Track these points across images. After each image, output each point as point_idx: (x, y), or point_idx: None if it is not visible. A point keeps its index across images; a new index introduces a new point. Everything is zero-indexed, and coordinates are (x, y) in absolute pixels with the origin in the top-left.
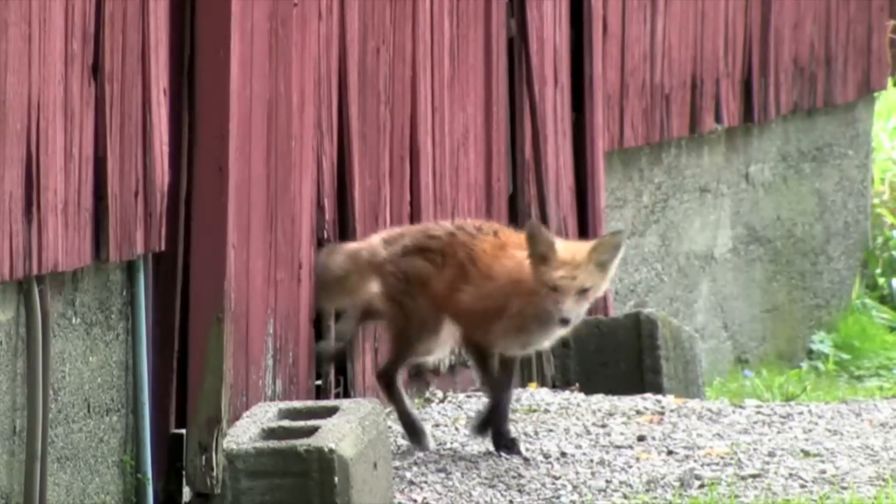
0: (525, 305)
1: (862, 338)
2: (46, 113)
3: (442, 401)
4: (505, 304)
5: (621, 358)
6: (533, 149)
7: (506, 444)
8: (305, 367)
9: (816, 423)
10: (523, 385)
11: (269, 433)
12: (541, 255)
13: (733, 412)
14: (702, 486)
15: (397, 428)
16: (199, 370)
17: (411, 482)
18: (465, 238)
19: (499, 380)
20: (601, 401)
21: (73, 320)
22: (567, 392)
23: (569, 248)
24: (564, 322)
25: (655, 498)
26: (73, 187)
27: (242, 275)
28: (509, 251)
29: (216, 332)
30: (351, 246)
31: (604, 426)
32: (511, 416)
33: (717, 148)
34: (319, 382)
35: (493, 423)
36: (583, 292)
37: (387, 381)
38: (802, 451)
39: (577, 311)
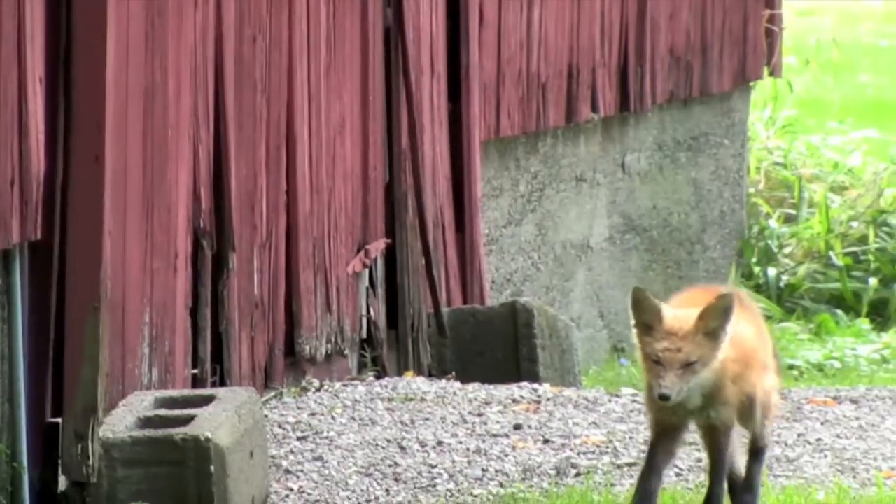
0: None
1: None
2: None
3: (318, 389)
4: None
5: (497, 347)
6: (409, 138)
7: None
8: (182, 356)
9: None
10: (399, 373)
11: (146, 422)
12: (645, 325)
13: (609, 401)
14: (578, 474)
15: (272, 417)
16: (76, 359)
17: (287, 471)
18: None
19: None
20: (477, 389)
21: None
22: (443, 381)
23: (677, 318)
24: (664, 398)
25: (531, 486)
26: None
27: (118, 264)
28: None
29: (92, 321)
30: None
31: (480, 415)
32: (388, 404)
33: (593, 137)
34: (196, 371)
35: None
36: (688, 366)
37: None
38: None
39: (680, 387)
